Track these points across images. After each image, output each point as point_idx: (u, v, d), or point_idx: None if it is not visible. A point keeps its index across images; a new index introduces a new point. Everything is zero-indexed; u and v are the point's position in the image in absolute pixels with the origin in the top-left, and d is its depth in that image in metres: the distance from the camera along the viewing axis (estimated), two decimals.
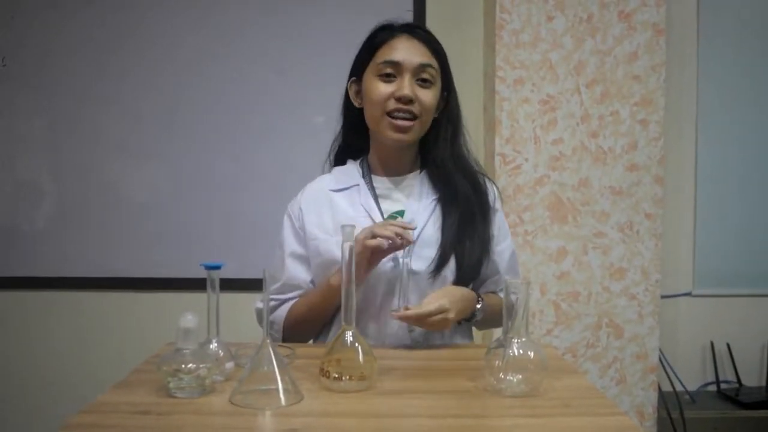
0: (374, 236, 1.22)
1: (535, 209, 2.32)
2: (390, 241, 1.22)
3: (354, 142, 1.47)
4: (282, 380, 0.96)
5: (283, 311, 1.40)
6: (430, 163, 1.41)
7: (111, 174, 2.55)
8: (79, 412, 0.90)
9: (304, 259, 1.41)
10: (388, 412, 0.95)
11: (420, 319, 1.21)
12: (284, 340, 1.40)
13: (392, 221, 1.28)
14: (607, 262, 2.34)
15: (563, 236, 2.33)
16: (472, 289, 1.39)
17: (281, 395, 0.94)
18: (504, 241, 1.44)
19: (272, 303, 1.41)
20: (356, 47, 1.41)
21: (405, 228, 1.23)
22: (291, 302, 1.41)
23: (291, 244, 1.42)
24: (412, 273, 1.33)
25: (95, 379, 2.23)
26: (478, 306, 1.34)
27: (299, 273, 1.41)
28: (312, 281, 1.41)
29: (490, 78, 2.38)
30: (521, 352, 1.00)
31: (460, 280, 1.35)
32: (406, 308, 1.24)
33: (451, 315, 1.23)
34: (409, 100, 1.31)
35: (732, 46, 2.57)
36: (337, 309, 1.36)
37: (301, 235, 1.41)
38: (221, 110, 2.53)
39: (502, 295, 1.43)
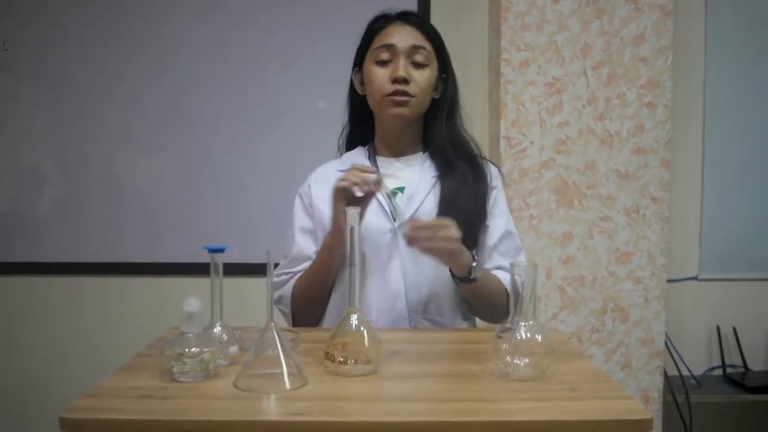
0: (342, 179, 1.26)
1: (540, 193, 2.31)
2: (358, 187, 1.25)
3: (361, 129, 1.53)
4: (286, 364, 0.95)
5: (290, 285, 1.45)
6: (430, 143, 1.46)
7: (114, 162, 2.55)
8: (81, 396, 0.90)
9: (313, 233, 1.47)
10: (394, 396, 0.94)
11: (428, 229, 1.21)
12: (293, 313, 1.44)
13: (357, 166, 1.30)
14: (613, 246, 2.33)
15: (569, 220, 2.32)
16: None
17: (286, 379, 0.94)
18: (497, 218, 1.45)
19: (282, 277, 1.46)
20: (359, 34, 1.46)
21: (365, 170, 1.27)
22: (298, 275, 1.45)
23: (300, 219, 1.48)
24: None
25: (99, 364, 2.24)
26: (473, 264, 1.30)
27: (308, 246, 1.46)
28: None
29: (495, 60, 2.36)
30: (528, 335, 0.99)
31: None
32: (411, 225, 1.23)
33: (454, 233, 1.22)
34: (404, 80, 1.36)
35: (740, 28, 2.54)
36: (338, 273, 1.40)
37: (310, 211, 1.47)
38: (224, 99, 2.52)
39: (494, 272, 1.43)
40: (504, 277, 1.40)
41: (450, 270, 1.32)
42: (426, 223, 1.23)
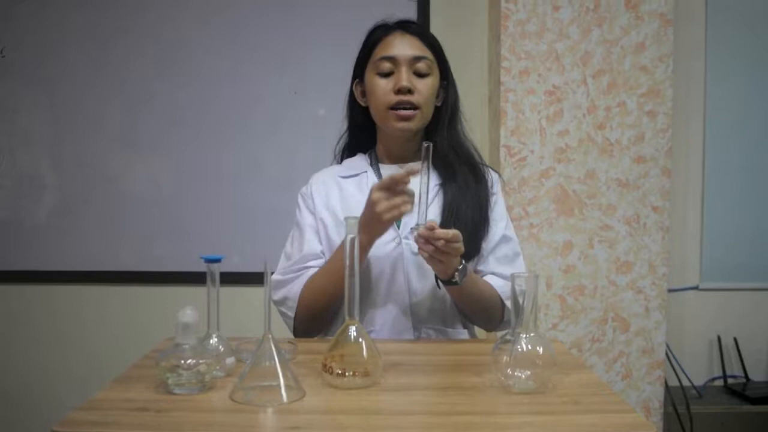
0: (390, 208, 1.22)
1: (540, 202, 2.30)
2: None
3: (361, 138, 1.52)
4: (284, 376, 0.93)
5: (299, 284, 1.40)
6: (433, 152, 1.42)
7: (112, 167, 2.54)
8: (76, 409, 0.88)
9: (318, 233, 1.45)
10: (392, 409, 0.93)
11: (438, 240, 1.19)
12: (297, 316, 1.40)
13: (400, 178, 1.24)
14: (614, 255, 2.31)
15: (569, 229, 2.30)
16: None
17: (283, 392, 0.92)
18: (495, 223, 1.44)
19: (288, 276, 1.41)
20: (359, 39, 1.45)
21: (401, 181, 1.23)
22: (308, 273, 1.40)
23: (308, 218, 1.46)
24: (414, 254, 1.35)
25: (96, 373, 2.23)
26: (459, 267, 1.27)
27: (317, 244, 1.43)
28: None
29: (495, 69, 2.35)
30: (529, 347, 0.97)
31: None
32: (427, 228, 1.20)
33: (462, 248, 1.22)
34: (407, 90, 1.36)
35: (740, 36, 2.53)
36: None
37: (314, 211, 1.46)
38: (223, 103, 2.51)
39: (487, 279, 1.42)
40: (498, 284, 1.40)
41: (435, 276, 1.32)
42: (443, 236, 1.19)
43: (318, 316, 1.40)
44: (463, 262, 1.30)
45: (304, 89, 2.51)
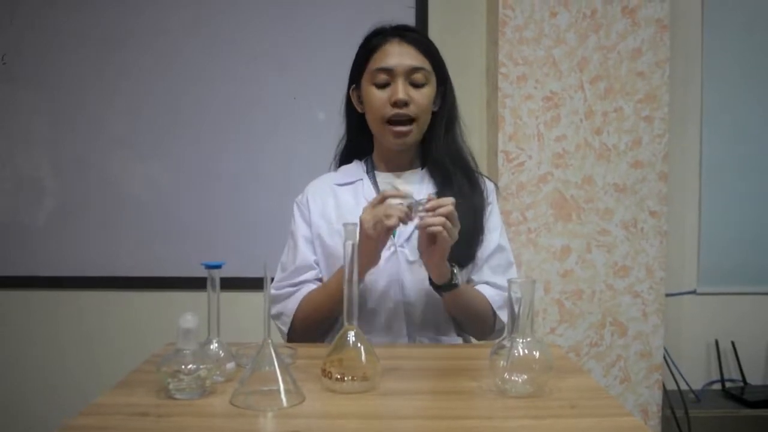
0: (386, 216, 1.20)
1: (538, 207, 2.31)
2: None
3: (358, 143, 1.51)
4: (283, 381, 0.94)
5: (294, 301, 1.40)
6: (430, 160, 1.45)
7: (112, 172, 2.54)
8: (77, 414, 0.89)
9: (313, 244, 1.45)
10: (390, 414, 0.93)
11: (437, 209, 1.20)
12: (290, 331, 1.40)
13: (390, 195, 1.24)
14: (612, 260, 2.32)
15: (567, 234, 2.31)
16: None
17: (282, 396, 0.93)
18: (490, 232, 1.44)
19: (285, 290, 1.42)
20: (358, 45, 1.44)
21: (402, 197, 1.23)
22: (304, 289, 1.41)
23: (302, 228, 1.46)
24: (410, 263, 1.37)
25: (97, 378, 2.23)
26: (455, 270, 1.30)
27: (311, 255, 1.43)
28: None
29: (493, 74, 2.36)
30: (526, 351, 0.98)
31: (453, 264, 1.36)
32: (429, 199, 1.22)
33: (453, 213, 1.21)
34: (404, 103, 1.35)
35: (737, 41, 2.55)
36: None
37: (309, 221, 1.45)
38: (222, 107, 2.52)
39: (479, 288, 1.42)
40: (490, 293, 1.40)
41: (430, 280, 1.31)
42: (447, 201, 1.21)
43: (312, 331, 1.41)
44: (455, 265, 1.31)
45: (303, 94, 2.51)
